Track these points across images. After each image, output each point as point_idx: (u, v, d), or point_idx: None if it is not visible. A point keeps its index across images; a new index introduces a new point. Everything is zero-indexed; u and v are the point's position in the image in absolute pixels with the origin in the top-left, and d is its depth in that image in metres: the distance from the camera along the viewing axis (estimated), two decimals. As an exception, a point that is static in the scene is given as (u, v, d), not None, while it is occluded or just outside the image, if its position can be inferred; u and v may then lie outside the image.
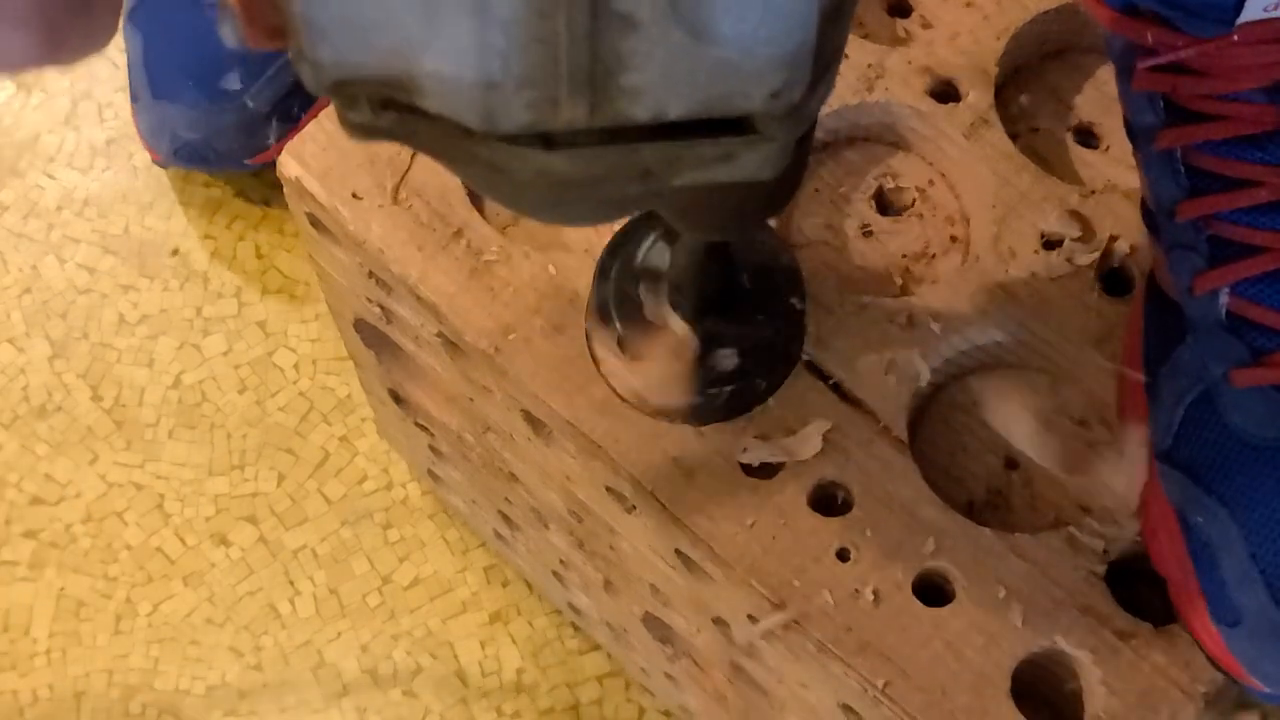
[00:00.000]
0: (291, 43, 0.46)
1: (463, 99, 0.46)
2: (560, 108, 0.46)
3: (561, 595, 1.09)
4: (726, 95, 0.47)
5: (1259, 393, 0.70)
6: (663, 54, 0.45)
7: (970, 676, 0.72)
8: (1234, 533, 0.69)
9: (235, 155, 1.27)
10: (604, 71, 0.45)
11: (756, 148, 0.50)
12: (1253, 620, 0.68)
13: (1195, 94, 0.71)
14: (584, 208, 0.57)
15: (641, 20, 0.44)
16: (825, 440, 0.77)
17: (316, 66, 0.46)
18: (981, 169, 0.84)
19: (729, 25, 0.45)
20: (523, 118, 0.47)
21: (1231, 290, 0.71)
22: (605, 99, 0.46)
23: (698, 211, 0.64)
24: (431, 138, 0.50)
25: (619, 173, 0.51)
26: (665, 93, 0.47)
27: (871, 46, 0.88)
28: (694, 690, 0.97)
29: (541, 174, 0.50)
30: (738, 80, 0.47)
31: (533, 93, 0.46)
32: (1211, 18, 0.69)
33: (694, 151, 0.50)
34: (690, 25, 0.44)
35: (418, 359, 0.92)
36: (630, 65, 0.45)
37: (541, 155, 0.49)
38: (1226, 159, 0.71)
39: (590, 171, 0.50)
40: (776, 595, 0.74)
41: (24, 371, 1.28)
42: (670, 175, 0.51)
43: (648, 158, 0.50)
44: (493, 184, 0.55)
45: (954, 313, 0.80)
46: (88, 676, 1.17)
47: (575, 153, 0.49)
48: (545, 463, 0.85)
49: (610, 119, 0.47)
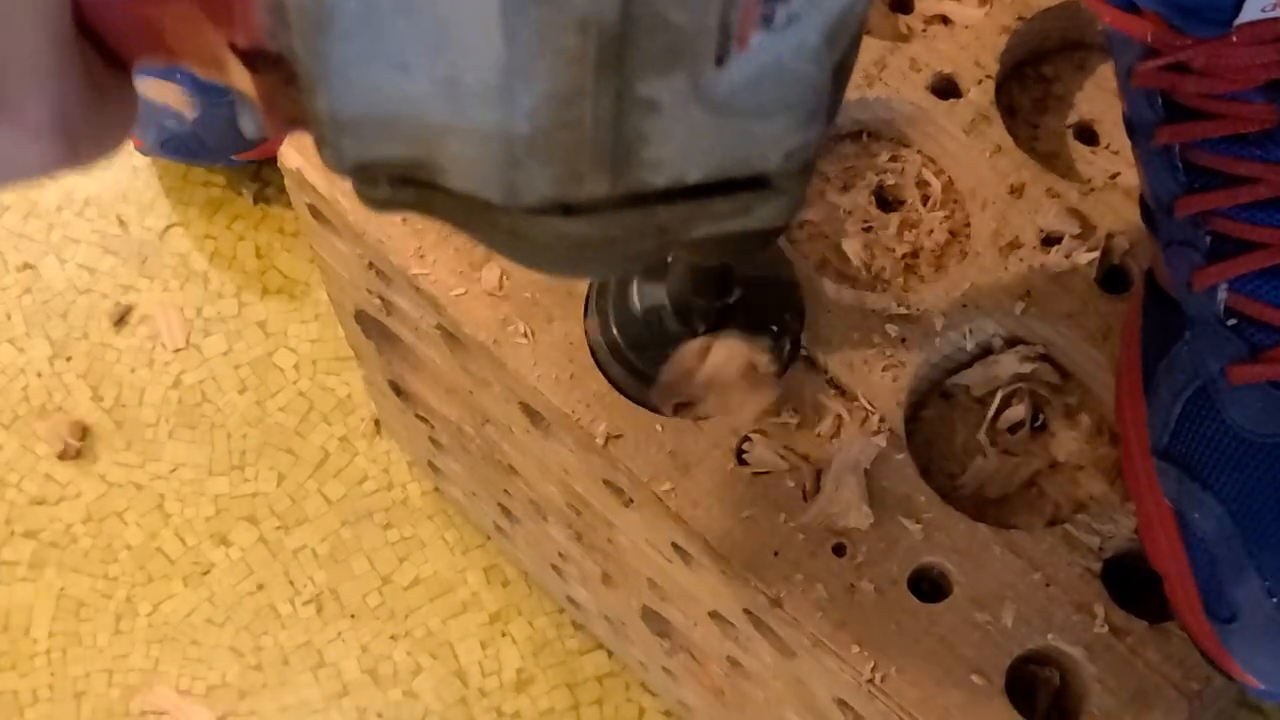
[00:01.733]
0: (313, 131, 0.46)
1: (485, 179, 0.47)
2: (584, 183, 0.47)
3: (560, 589, 1.09)
4: (744, 159, 0.48)
5: (1257, 389, 0.70)
6: (683, 130, 0.46)
7: (965, 672, 0.72)
8: (1230, 529, 0.69)
9: (223, 150, 1.26)
10: (625, 149, 0.46)
11: (770, 201, 0.51)
12: (1248, 617, 0.68)
13: (1194, 93, 0.71)
14: (603, 265, 0.59)
15: (664, 104, 0.45)
16: (821, 437, 0.77)
17: (338, 153, 0.46)
18: (981, 165, 0.84)
19: (746, 99, 0.46)
20: (545, 192, 0.47)
21: (1230, 286, 0.70)
22: (626, 172, 0.47)
23: (708, 251, 0.65)
24: (451, 209, 0.50)
25: (636, 233, 0.51)
26: (684, 162, 0.47)
27: (873, 42, 0.88)
28: (691, 684, 0.97)
29: (560, 238, 0.51)
30: (755, 145, 0.48)
31: (555, 170, 0.46)
32: (1210, 18, 0.69)
33: (710, 209, 0.51)
34: (710, 103, 0.45)
35: (417, 351, 0.92)
36: (651, 141, 0.46)
37: (561, 222, 0.49)
38: (1225, 156, 0.71)
39: (608, 234, 0.51)
40: (772, 589, 0.73)
41: (24, 371, 1.28)
42: (686, 231, 0.52)
43: (664, 218, 0.51)
44: (512, 248, 0.55)
45: (952, 309, 0.80)
46: (88, 676, 1.17)
47: (594, 218, 0.50)
48: (544, 455, 0.85)
49: (630, 188, 0.48)
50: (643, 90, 0.44)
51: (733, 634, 0.83)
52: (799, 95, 0.47)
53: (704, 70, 0.44)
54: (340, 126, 0.45)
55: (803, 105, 0.47)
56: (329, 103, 0.44)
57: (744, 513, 0.75)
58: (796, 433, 0.77)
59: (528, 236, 0.51)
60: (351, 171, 0.47)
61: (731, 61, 0.44)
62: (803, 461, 0.76)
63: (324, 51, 0.42)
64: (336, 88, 0.43)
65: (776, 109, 0.47)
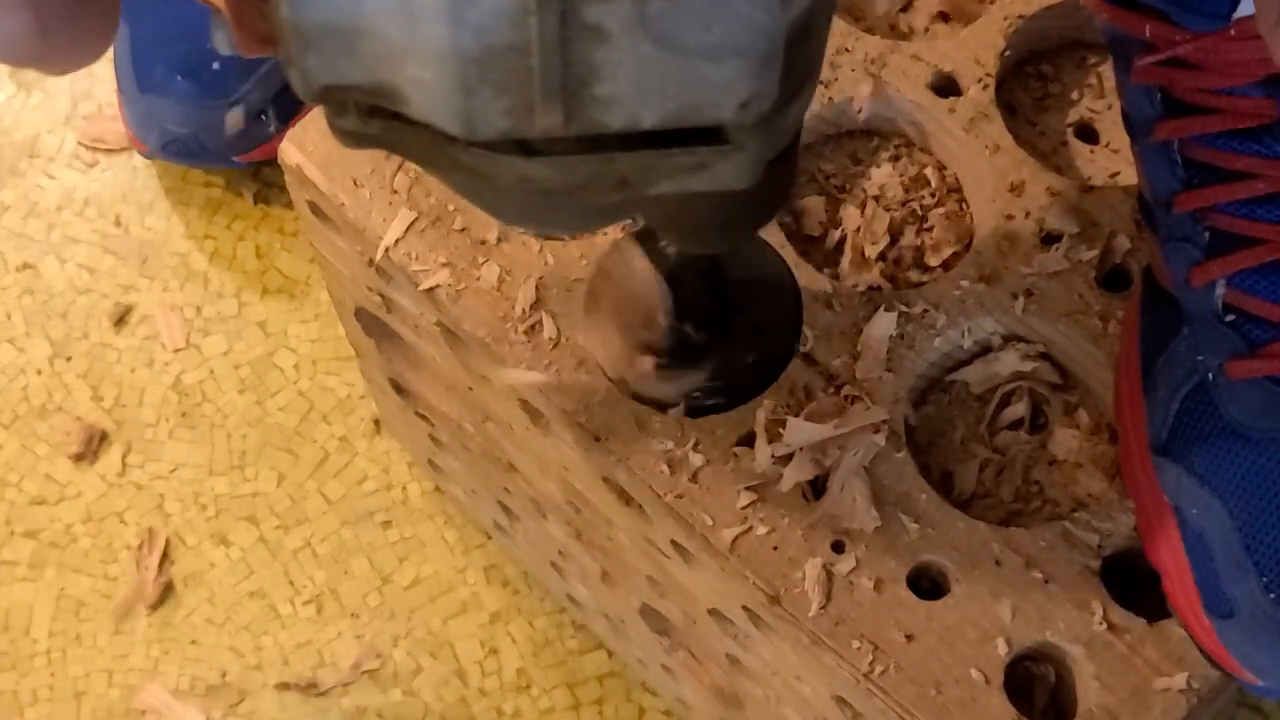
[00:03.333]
0: (281, 50, 0.47)
1: (443, 105, 0.48)
2: (536, 115, 0.48)
3: (560, 587, 1.09)
4: (697, 105, 0.49)
5: (1255, 384, 0.70)
6: (633, 64, 0.47)
7: (963, 669, 0.72)
8: (1228, 525, 0.69)
9: (225, 152, 1.26)
10: (577, 80, 0.47)
11: (730, 157, 0.52)
12: (1246, 613, 0.68)
13: (1192, 88, 0.71)
14: (565, 215, 0.60)
15: (611, 31, 0.46)
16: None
17: (305, 73, 0.48)
18: (982, 163, 0.84)
19: (696, 36, 0.46)
20: (500, 124, 0.48)
21: (1228, 282, 0.70)
22: (579, 107, 0.48)
23: (680, 222, 0.66)
24: (417, 145, 0.52)
25: (597, 181, 0.53)
26: (638, 102, 0.48)
27: (873, 40, 0.88)
28: (691, 682, 0.97)
29: (522, 181, 0.52)
30: (707, 90, 0.48)
31: (509, 100, 0.47)
32: (1207, 12, 0.69)
33: (668, 161, 0.52)
34: (659, 36, 0.46)
35: (418, 348, 0.92)
36: (602, 75, 0.47)
37: (521, 162, 0.51)
38: (1223, 152, 0.71)
39: (569, 179, 0.52)
40: (771, 587, 0.73)
41: (24, 371, 1.28)
42: (646, 184, 0.53)
43: (624, 166, 0.52)
44: (476, 191, 0.57)
45: (952, 307, 0.80)
46: (88, 676, 1.17)
47: (554, 160, 0.51)
48: (543, 453, 0.85)
49: (586, 127, 0.49)
50: (589, 14, 0.45)
51: (732, 631, 0.83)
52: (749, 39, 0.47)
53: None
54: (305, 42, 0.46)
55: (754, 50, 0.48)
56: (291, 13, 0.45)
57: (744, 511, 0.75)
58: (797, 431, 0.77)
59: (489, 177, 0.52)
60: (320, 96, 0.49)
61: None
62: (806, 460, 0.76)
63: None
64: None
65: (726, 52, 0.47)
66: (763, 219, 0.67)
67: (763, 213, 0.66)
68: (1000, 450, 0.79)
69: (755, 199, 0.60)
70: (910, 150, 0.88)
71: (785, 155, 0.59)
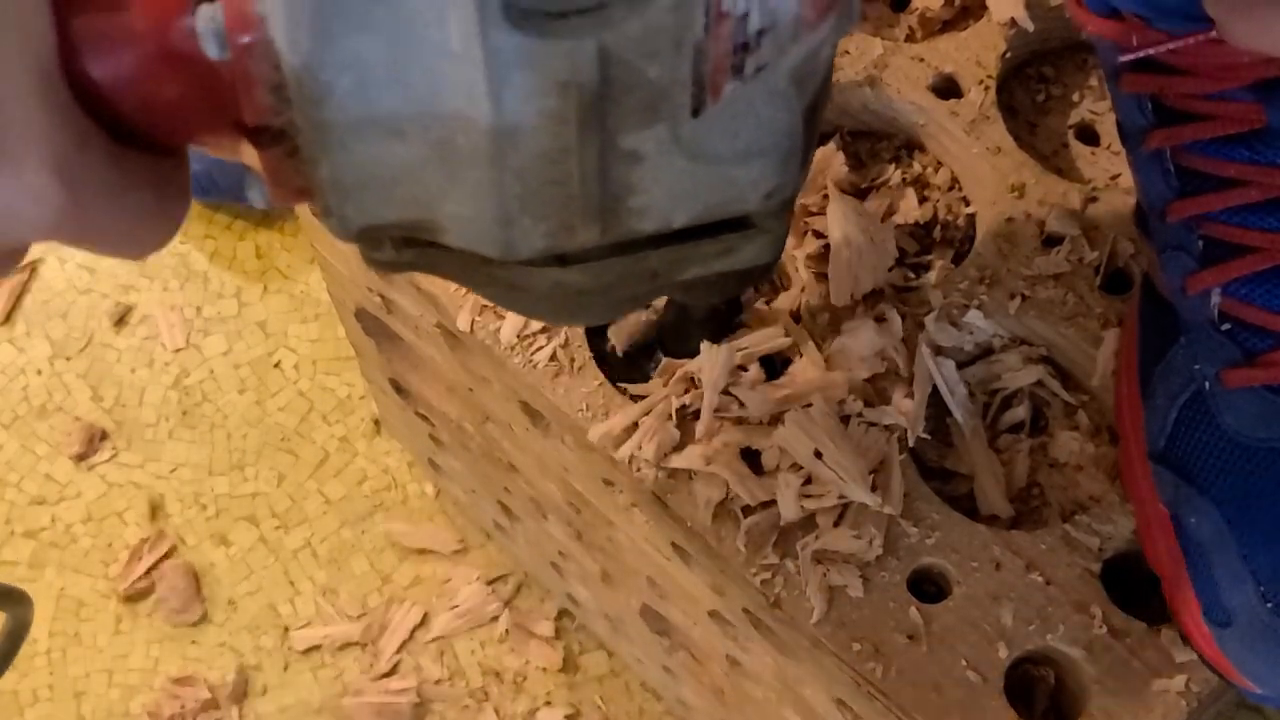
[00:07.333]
0: (318, 200, 0.48)
1: (482, 235, 0.49)
2: (575, 233, 0.49)
3: (560, 587, 1.09)
4: (725, 202, 0.51)
5: (1251, 393, 0.69)
6: (667, 178, 0.48)
7: (964, 673, 0.71)
8: (1226, 533, 0.69)
9: (235, 189, 1.27)
10: (613, 199, 0.48)
11: (754, 240, 0.54)
12: (1244, 621, 0.68)
13: (1183, 93, 0.71)
14: (598, 310, 0.62)
15: (647, 154, 0.47)
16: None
17: (343, 220, 0.48)
18: (983, 166, 0.84)
19: (725, 146, 0.48)
20: (539, 245, 0.49)
21: (1223, 290, 0.70)
22: (615, 221, 0.49)
23: (700, 292, 0.67)
24: (452, 265, 0.54)
25: (629, 278, 0.55)
26: (670, 207, 0.50)
27: (874, 41, 0.88)
28: (691, 683, 0.97)
29: (557, 286, 0.54)
30: (735, 189, 0.50)
31: (548, 224, 0.48)
32: (1191, 14, 0.69)
33: (697, 251, 0.54)
34: (690, 151, 0.48)
35: (418, 349, 0.92)
36: (637, 190, 0.48)
37: (557, 271, 0.53)
38: (1215, 159, 0.71)
39: (602, 280, 0.54)
40: (771, 589, 0.73)
41: (24, 371, 1.28)
42: (676, 273, 0.55)
43: (654, 262, 0.54)
44: (512, 300, 0.59)
45: (953, 309, 0.80)
46: (88, 676, 1.17)
47: (588, 266, 0.53)
48: (543, 453, 0.85)
49: (621, 236, 0.50)
50: (625, 143, 0.46)
51: (732, 633, 0.83)
52: (773, 139, 0.49)
53: (682, 121, 0.46)
54: (343, 194, 0.47)
55: (777, 149, 0.50)
56: (330, 171, 0.46)
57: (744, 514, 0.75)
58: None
59: (527, 287, 0.54)
60: (357, 237, 0.50)
61: (707, 111, 0.47)
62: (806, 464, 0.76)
63: (322, 123, 0.44)
64: (336, 157, 0.45)
65: (753, 153, 0.49)
66: (768, 272, 0.69)
67: (772, 265, 0.67)
68: (1001, 453, 0.79)
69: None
70: (911, 151, 0.87)
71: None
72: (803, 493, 0.74)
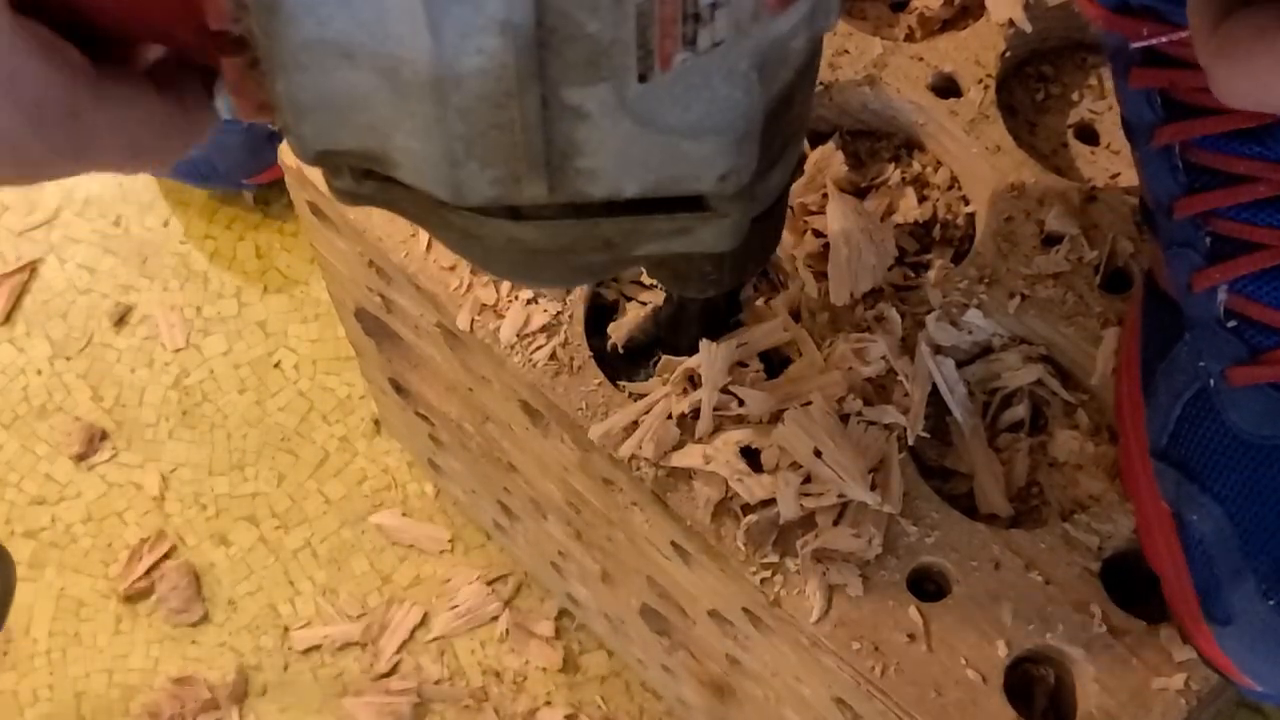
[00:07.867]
0: (278, 117, 0.49)
1: (432, 174, 0.50)
2: (522, 185, 0.50)
3: (560, 586, 1.09)
4: (677, 177, 0.51)
5: (1256, 391, 0.69)
6: (614, 141, 0.49)
7: (963, 672, 0.71)
8: (1228, 531, 0.69)
9: (234, 174, 1.28)
10: (560, 155, 0.49)
11: (711, 223, 0.55)
12: (1245, 620, 0.68)
13: (1193, 88, 0.71)
14: (554, 273, 0.61)
15: (591, 112, 0.48)
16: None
17: (300, 139, 0.50)
18: (982, 165, 0.84)
19: (675, 116, 0.49)
20: (488, 193, 0.50)
21: (1230, 288, 0.70)
22: (563, 179, 0.50)
23: (670, 272, 0.68)
24: (410, 205, 0.55)
25: (583, 243, 0.55)
26: (619, 174, 0.50)
27: (873, 41, 0.88)
28: (691, 682, 0.97)
29: (511, 242, 0.55)
30: (686, 164, 0.51)
31: (495, 171, 0.49)
32: None
33: (651, 226, 0.55)
34: (638, 116, 0.48)
35: (418, 348, 0.92)
36: (584, 150, 0.49)
37: (510, 225, 0.54)
38: (1224, 154, 0.70)
39: (556, 241, 0.55)
40: (770, 588, 0.73)
41: (24, 371, 1.28)
42: (631, 246, 0.56)
43: (608, 230, 0.55)
44: (467, 248, 0.59)
45: (953, 308, 0.80)
46: (88, 676, 1.17)
47: (541, 224, 0.54)
48: (543, 453, 0.85)
49: (570, 196, 0.51)
50: (570, 98, 0.47)
51: (732, 632, 0.83)
52: (727, 118, 0.49)
53: (628, 84, 0.47)
54: (299, 113, 0.48)
55: (732, 128, 0.50)
56: (286, 88, 0.47)
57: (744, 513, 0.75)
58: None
59: (480, 237, 0.55)
60: (315, 160, 0.51)
61: (655, 78, 0.47)
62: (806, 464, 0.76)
63: (276, 34, 0.45)
64: (292, 75, 0.47)
65: (705, 129, 0.49)
66: (752, 269, 0.69)
67: (752, 263, 0.68)
68: (1000, 452, 0.79)
69: (741, 253, 0.61)
70: (910, 151, 0.87)
71: (771, 212, 0.61)
72: (802, 491, 0.74)
